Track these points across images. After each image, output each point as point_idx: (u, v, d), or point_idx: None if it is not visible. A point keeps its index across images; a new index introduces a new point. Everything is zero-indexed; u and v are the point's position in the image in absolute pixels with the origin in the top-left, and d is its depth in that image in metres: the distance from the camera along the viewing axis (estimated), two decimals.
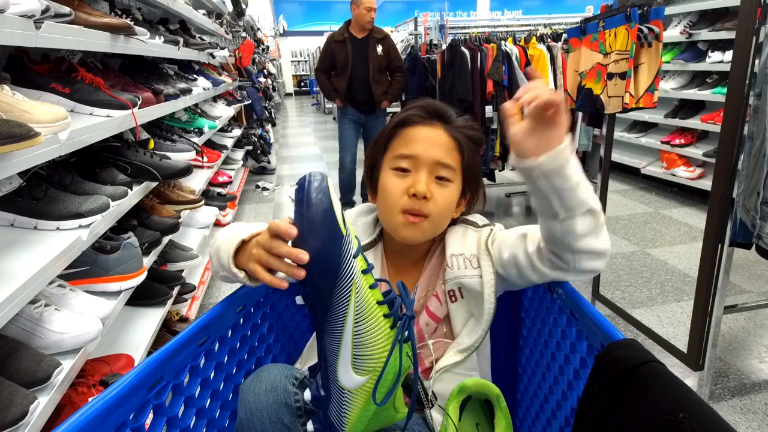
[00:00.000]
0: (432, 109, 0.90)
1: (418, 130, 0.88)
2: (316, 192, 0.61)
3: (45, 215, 1.20)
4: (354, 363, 0.65)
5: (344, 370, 0.65)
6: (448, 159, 0.86)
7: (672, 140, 3.85)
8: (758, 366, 1.85)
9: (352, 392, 0.66)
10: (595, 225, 0.77)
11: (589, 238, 0.77)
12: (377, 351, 0.65)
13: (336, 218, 0.61)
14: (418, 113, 0.89)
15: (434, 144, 0.86)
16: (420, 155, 0.85)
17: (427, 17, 4.95)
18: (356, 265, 0.63)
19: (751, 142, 1.43)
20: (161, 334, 1.72)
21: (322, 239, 0.60)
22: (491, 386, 0.85)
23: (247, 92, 4.69)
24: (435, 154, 0.86)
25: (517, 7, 7.79)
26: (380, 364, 0.66)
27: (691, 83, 3.76)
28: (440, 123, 0.89)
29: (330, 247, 0.61)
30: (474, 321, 0.92)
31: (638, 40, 1.78)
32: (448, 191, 0.87)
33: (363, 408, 0.68)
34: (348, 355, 0.65)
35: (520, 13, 6.40)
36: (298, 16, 15.66)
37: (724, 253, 1.50)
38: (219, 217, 2.70)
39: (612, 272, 2.64)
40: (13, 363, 0.98)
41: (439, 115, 0.89)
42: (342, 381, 0.66)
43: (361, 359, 0.65)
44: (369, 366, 0.66)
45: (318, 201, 0.60)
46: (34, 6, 1.05)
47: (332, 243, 0.61)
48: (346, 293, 0.62)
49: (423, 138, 0.87)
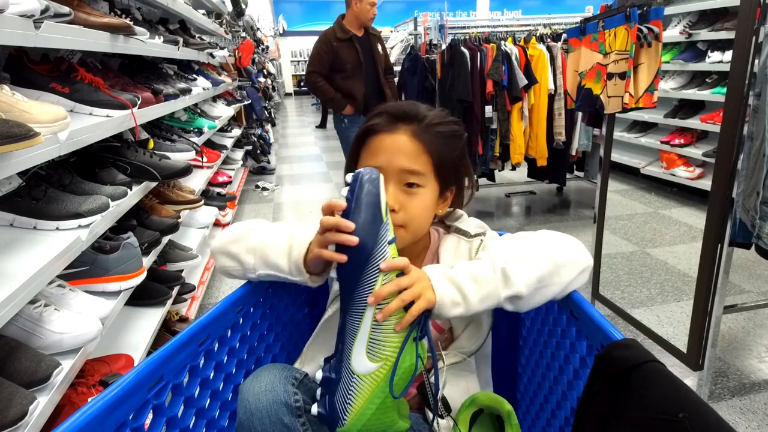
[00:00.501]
0: (397, 112, 0.86)
1: (382, 139, 0.85)
2: (368, 179, 0.71)
3: (44, 215, 1.20)
4: (369, 347, 0.69)
5: (359, 353, 0.69)
6: (415, 164, 0.83)
7: (672, 140, 3.85)
8: (758, 366, 1.85)
9: (362, 378, 0.69)
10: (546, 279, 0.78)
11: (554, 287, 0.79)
12: (392, 339, 0.69)
13: (381, 204, 0.71)
14: (382, 120, 0.86)
15: (398, 152, 0.83)
16: (384, 166, 0.82)
17: (426, 17, 4.94)
18: (389, 251, 0.70)
19: (750, 142, 1.43)
20: (161, 334, 1.72)
21: (364, 218, 0.69)
22: (503, 402, 0.85)
23: (247, 92, 4.69)
24: (400, 162, 0.83)
25: (517, 7, 7.78)
26: (393, 354, 0.69)
27: (690, 83, 3.76)
28: (406, 126, 0.85)
29: (370, 227, 0.69)
30: (474, 326, 0.92)
31: (638, 40, 1.78)
32: (420, 197, 0.85)
33: (368, 400, 0.68)
34: (365, 338, 0.69)
35: (520, 13, 6.39)
36: (297, 16, 15.65)
37: (724, 253, 1.50)
38: (219, 217, 2.70)
39: (612, 272, 2.64)
40: (13, 363, 0.98)
41: (405, 117, 0.85)
42: (354, 365, 0.69)
43: (376, 345, 0.69)
44: (383, 354, 0.69)
45: (369, 184, 0.71)
46: (34, 6, 1.05)
47: (373, 223, 0.70)
48: (374, 274, 0.69)
49: (386, 148, 0.84)
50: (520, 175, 4.29)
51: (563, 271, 0.79)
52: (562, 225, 3.49)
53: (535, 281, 0.76)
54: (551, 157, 3.39)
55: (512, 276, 0.75)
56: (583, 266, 0.81)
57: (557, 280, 0.78)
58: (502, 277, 0.75)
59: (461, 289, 0.74)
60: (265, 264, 0.85)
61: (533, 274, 0.76)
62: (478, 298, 0.74)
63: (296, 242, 0.83)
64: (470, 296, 0.74)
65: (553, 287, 0.78)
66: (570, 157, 3.58)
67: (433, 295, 0.72)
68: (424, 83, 3.63)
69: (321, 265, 0.82)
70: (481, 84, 3.15)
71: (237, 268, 0.89)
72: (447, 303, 0.72)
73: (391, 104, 0.90)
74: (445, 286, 0.73)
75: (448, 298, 0.73)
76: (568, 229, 3.39)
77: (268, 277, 0.87)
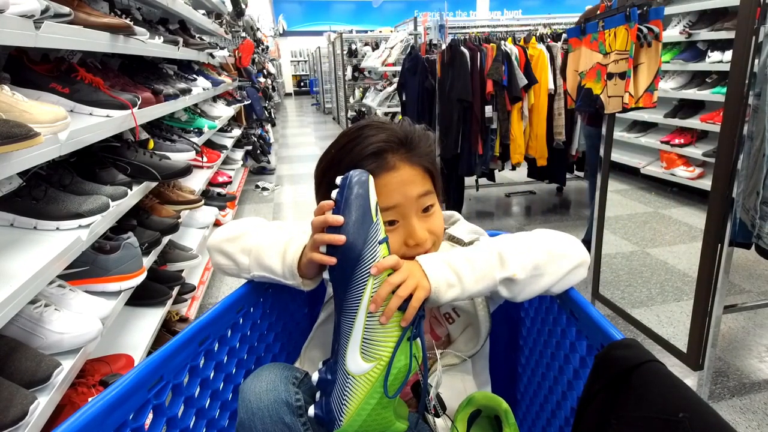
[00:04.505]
0: (385, 147, 0.80)
1: (387, 178, 0.79)
2: (357, 180, 0.71)
3: (45, 215, 1.20)
4: (363, 347, 0.69)
5: (353, 353, 0.69)
6: (426, 186, 0.82)
7: (671, 140, 3.85)
8: (758, 366, 1.85)
9: (357, 379, 0.68)
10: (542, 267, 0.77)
11: (550, 277, 0.78)
12: (386, 338, 0.69)
13: (370, 204, 0.71)
14: (376, 162, 0.79)
15: (409, 184, 0.80)
16: (402, 203, 0.79)
17: (426, 17, 4.94)
18: (380, 251, 0.70)
19: (750, 141, 1.43)
20: (161, 334, 1.72)
21: (354, 218, 0.69)
22: (500, 401, 0.85)
23: (247, 92, 4.69)
24: (414, 192, 0.80)
25: (517, 7, 7.79)
26: (387, 353, 0.68)
27: (690, 83, 3.76)
28: (398, 158, 0.81)
29: (359, 228, 0.69)
30: (472, 329, 0.92)
31: (638, 40, 1.78)
32: (436, 214, 0.84)
33: (363, 400, 0.68)
34: (358, 338, 0.69)
35: (520, 13, 6.40)
36: (297, 16, 15.66)
37: (724, 252, 1.50)
38: (219, 217, 2.70)
39: (612, 272, 2.64)
40: (13, 363, 0.98)
41: (394, 150, 0.81)
42: (349, 365, 0.69)
43: (370, 344, 0.69)
44: (376, 353, 0.68)
45: (357, 186, 0.71)
46: (34, 6, 1.05)
47: (362, 223, 0.69)
48: (365, 274, 0.69)
49: (396, 185, 0.79)
50: (520, 175, 4.29)
51: (559, 262, 0.79)
52: (562, 225, 3.49)
53: (531, 267, 0.76)
54: (551, 157, 3.39)
55: (508, 258, 0.75)
56: (579, 260, 0.81)
57: (553, 269, 0.78)
58: (498, 259, 0.75)
59: (456, 270, 0.73)
60: (260, 266, 0.85)
61: (529, 259, 0.76)
62: (473, 278, 0.73)
63: (291, 246, 0.82)
64: (465, 276, 0.73)
65: (549, 277, 0.78)
66: (570, 156, 3.58)
67: (427, 283, 0.71)
68: (424, 83, 3.63)
69: (315, 269, 0.80)
70: (481, 84, 3.15)
71: (232, 267, 0.89)
72: (442, 286, 0.72)
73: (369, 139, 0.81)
74: (439, 268, 0.73)
75: (443, 280, 0.72)
76: (568, 229, 3.38)
77: (262, 279, 0.87)
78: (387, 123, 0.86)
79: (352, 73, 7.44)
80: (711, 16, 3.50)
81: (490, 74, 3.09)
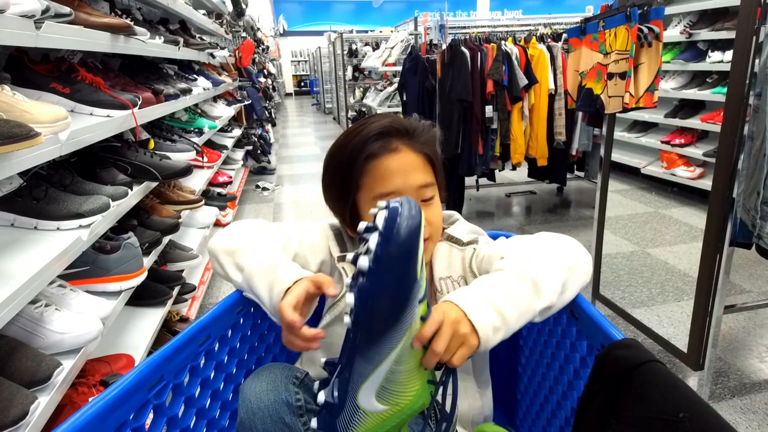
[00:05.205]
0: (386, 130, 0.82)
1: (387, 162, 0.80)
2: (407, 227, 0.55)
3: (45, 215, 1.20)
4: (380, 391, 0.63)
5: (367, 393, 0.63)
6: (427, 177, 0.82)
7: (672, 140, 3.85)
8: (758, 366, 1.85)
9: (367, 413, 0.64)
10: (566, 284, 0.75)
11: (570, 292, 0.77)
12: (407, 389, 0.64)
13: (417, 261, 0.57)
14: (379, 142, 0.81)
15: (411, 170, 0.81)
16: (401, 188, 0.80)
17: (427, 17, 4.94)
18: (418, 310, 0.61)
19: (751, 141, 1.43)
20: (161, 334, 1.72)
21: (395, 279, 0.57)
22: None
23: (247, 92, 4.69)
24: (415, 180, 0.81)
25: (517, 7, 7.78)
26: (405, 401, 0.64)
27: (691, 83, 3.75)
28: (403, 143, 0.82)
29: (400, 290, 0.58)
30: None
31: (638, 40, 1.78)
32: (435, 206, 0.84)
33: (372, 429, 0.66)
34: (376, 384, 0.63)
35: (520, 13, 6.39)
36: (298, 16, 15.66)
37: (724, 252, 1.50)
38: (219, 217, 2.70)
39: (612, 272, 2.64)
40: (14, 363, 0.98)
41: (397, 134, 0.83)
42: (361, 401, 0.64)
43: (388, 392, 0.63)
44: (393, 400, 0.64)
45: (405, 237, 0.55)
46: (34, 6, 1.05)
47: (404, 286, 0.58)
48: (399, 335, 0.60)
49: (397, 169, 0.80)
50: (521, 175, 4.28)
51: (577, 275, 0.78)
52: (562, 225, 3.49)
53: (559, 289, 0.74)
54: (551, 157, 3.39)
55: (541, 285, 0.71)
56: (588, 268, 0.81)
57: (573, 285, 0.77)
58: (532, 288, 0.71)
59: (499, 310, 0.67)
60: (250, 289, 0.82)
61: (557, 281, 0.74)
62: (516, 315, 0.69)
63: (277, 281, 0.76)
64: (509, 316, 0.68)
65: (569, 292, 0.77)
66: (570, 156, 3.58)
67: (476, 339, 0.65)
68: (424, 83, 3.63)
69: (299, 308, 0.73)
70: (482, 84, 3.15)
71: (227, 277, 0.87)
72: (489, 333, 0.66)
73: (372, 126, 0.83)
74: (484, 312, 0.66)
75: (489, 326, 0.66)
76: (569, 230, 3.40)
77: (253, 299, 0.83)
78: (392, 114, 0.87)
79: (353, 73, 7.44)
80: (711, 16, 3.50)
81: (491, 74, 3.09)
